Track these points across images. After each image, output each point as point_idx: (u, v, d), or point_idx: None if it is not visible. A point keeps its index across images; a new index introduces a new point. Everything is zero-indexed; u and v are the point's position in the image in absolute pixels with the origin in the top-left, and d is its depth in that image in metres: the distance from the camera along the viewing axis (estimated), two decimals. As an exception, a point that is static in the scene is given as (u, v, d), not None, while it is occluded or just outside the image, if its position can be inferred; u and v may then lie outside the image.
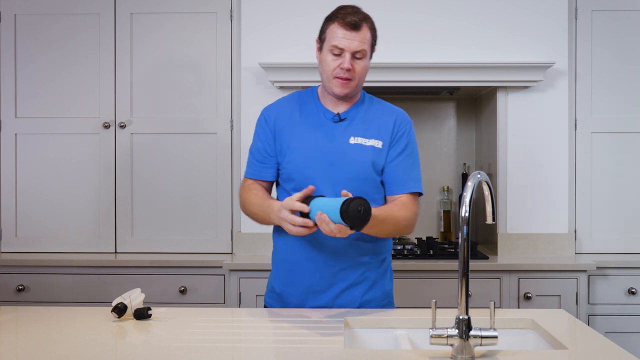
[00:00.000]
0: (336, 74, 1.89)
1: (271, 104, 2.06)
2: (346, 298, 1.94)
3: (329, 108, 1.98)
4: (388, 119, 1.98)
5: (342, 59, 1.88)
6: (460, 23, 3.10)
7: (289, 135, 1.96)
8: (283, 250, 2.00)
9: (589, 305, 2.92)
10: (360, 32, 1.88)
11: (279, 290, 2.00)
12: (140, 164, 3.20)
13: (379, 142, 1.94)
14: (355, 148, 1.93)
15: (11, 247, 3.23)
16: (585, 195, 3.17)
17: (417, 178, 1.99)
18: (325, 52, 1.90)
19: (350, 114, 1.97)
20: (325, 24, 1.93)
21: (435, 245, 3.09)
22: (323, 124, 1.96)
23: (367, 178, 1.93)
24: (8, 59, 3.22)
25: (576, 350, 1.51)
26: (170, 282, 2.96)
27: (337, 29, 1.88)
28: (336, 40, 1.87)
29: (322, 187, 1.89)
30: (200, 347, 1.51)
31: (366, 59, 1.93)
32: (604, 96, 3.17)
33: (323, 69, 1.92)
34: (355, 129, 1.95)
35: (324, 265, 1.93)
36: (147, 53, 3.20)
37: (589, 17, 3.16)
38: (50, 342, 1.55)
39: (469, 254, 1.41)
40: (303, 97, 2.03)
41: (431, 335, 1.39)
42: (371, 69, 3.00)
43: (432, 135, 3.62)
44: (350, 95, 1.96)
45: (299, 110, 1.99)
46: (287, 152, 1.95)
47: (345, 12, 1.89)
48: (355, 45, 1.87)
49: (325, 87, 1.95)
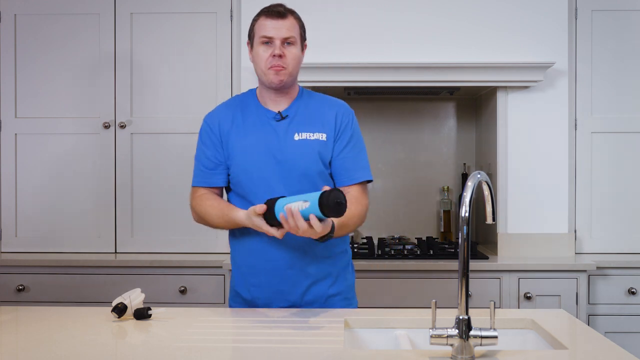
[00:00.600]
0: (269, 64, 1.93)
1: (212, 111, 2.08)
2: (313, 294, 1.96)
3: (270, 108, 2.00)
4: (329, 112, 2.00)
5: (273, 46, 1.92)
6: (460, 23, 3.10)
7: (234, 139, 1.98)
8: (243, 254, 2.01)
9: (589, 305, 2.92)
10: (287, 20, 1.94)
11: (245, 295, 2.01)
12: (140, 164, 3.20)
13: (323, 134, 1.97)
14: (300, 144, 1.95)
15: (11, 247, 3.23)
16: (585, 195, 3.17)
17: (365, 166, 2.01)
18: (257, 46, 1.95)
19: (292, 111, 1.99)
20: (252, 22, 1.99)
21: (435, 245, 3.09)
22: (266, 123, 1.98)
23: (316, 171, 1.95)
24: (8, 59, 3.22)
25: (576, 350, 1.51)
26: (170, 282, 2.96)
27: (263, 21, 1.94)
28: (264, 30, 1.93)
29: (274, 186, 1.91)
30: (200, 347, 1.51)
31: (297, 47, 1.96)
32: (604, 96, 3.17)
33: (257, 63, 1.96)
34: (298, 125, 1.97)
35: (286, 264, 1.94)
36: (147, 53, 3.20)
37: (589, 17, 3.16)
38: (50, 342, 1.55)
39: (469, 254, 1.42)
40: (243, 100, 2.06)
41: (431, 335, 1.39)
42: (371, 69, 3.03)
43: (432, 135, 3.62)
44: (287, 84, 1.97)
45: (240, 113, 2.01)
46: (234, 156, 1.97)
47: (269, 7, 1.96)
48: (284, 32, 1.92)
49: (263, 82, 1.98)
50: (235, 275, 2.05)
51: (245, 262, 2.01)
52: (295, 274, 1.95)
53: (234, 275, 2.06)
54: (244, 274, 2.01)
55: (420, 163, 3.61)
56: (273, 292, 1.96)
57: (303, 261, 1.94)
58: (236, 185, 1.99)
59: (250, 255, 1.99)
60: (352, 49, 3.06)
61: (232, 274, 2.07)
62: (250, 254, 1.98)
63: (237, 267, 2.05)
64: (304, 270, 1.95)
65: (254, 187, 1.94)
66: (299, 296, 1.96)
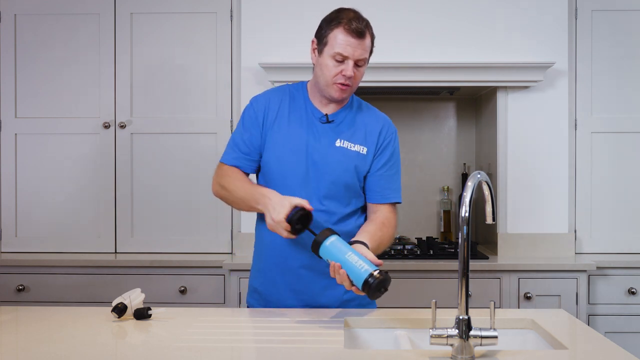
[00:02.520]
0: (337, 80, 1.87)
1: (260, 94, 2.02)
2: (328, 298, 1.95)
3: (318, 107, 1.97)
4: (375, 126, 1.97)
5: (345, 65, 1.86)
6: (460, 23, 3.10)
7: (276, 129, 1.94)
8: (262, 248, 2.00)
9: (589, 305, 2.92)
10: (364, 40, 1.86)
11: (261, 290, 2.00)
12: (140, 164, 3.20)
13: (364, 148, 1.94)
14: (340, 151, 1.92)
15: (11, 247, 3.23)
16: (585, 195, 3.17)
17: (398, 188, 2.00)
18: (327, 57, 1.87)
19: (339, 117, 1.96)
20: (327, 27, 1.88)
21: (435, 245, 3.09)
22: (311, 122, 1.95)
23: (348, 183, 1.93)
24: (8, 59, 3.22)
25: (576, 350, 1.51)
26: (170, 282, 2.96)
27: (341, 35, 1.84)
28: (340, 47, 1.84)
29: (302, 186, 1.90)
30: (200, 347, 1.51)
31: (365, 66, 1.92)
32: (603, 96, 3.17)
33: (322, 73, 1.89)
34: (341, 132, 1.94)
35: (300, 264, 1.93)
36: (147, 53, 3.20)
37: (589, 17, 3.16)
38: (50, 342, 1.55)
39: (469, 254, 1.41)
40: (293, 92, 2.00)
41: (431, 335, 1.39)
42: (371, 69, 3.01)
43: (432, 135, 3.62)
44: (346, 99, 1.96)
45: (288, 104, 1.97)
46: (272, 146, 1.94)
47: (348, 17, 1.85)
48: (359, 53, 1.86)
49: (322, 90, 1.93)
50: (254, 270, 2.05)
51: (263, 257, 2.00)
52: (310, 274, 1.93)
53: (252, 271, 2.06)
54: (262, 269, 2.00)
55: (420, 163, 3.61)
56: (288, 290, 1.95)
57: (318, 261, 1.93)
58: (265, 173, 1.96)
59: (267, 250, 1.98)
60: (352, 49, 3.06)
61: (252, 270, 2.06)
62: (268, 249, 1.98)
63: (255, 262, 2.04)
64: (318, 270, 1.93)
65: (282, 180, 1.90)
66: (314, 297, 1.94)
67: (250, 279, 2.07)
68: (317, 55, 1.92)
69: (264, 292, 2.00)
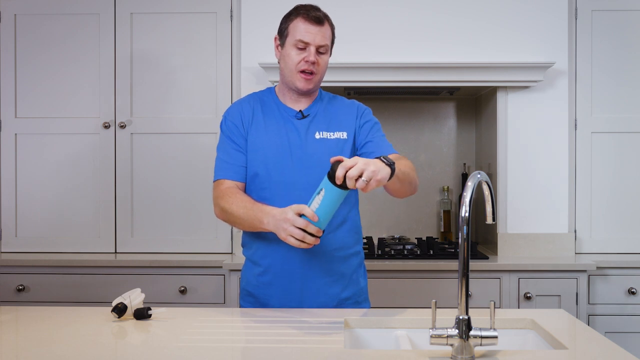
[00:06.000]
0: (301, 68, 1.92)
1: (231, 106, 2.06)
2: (325, 297, 1.96)
3: (290, 106, 2.01)
4: (348, 111, 2.03)
5: (307, 52, 1.91)
6: (461, 23, 3.10)
7: (255, 134, 1.97)
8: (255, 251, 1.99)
9: (589, 305, 2.92)
10: (324, 27, 1.93)
11: (256, 293, 2.00)
12: (140, 164, 3.20)
13: (343, 133, 1.99)
14: (321, 142, 1.96)
15: (11, 247, 3.23)
16: (585, 195, 3.17)
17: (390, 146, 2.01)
18: (289, 47, 1.93)
19: (312, 110, 2.01)
20: (287, 20, 1.96)
21: (435, 245, 3.09)
22: (287, 121, 1.99)
23: None
24: (8, 58, 3.22)
25: (576, 350, 1.51)
26: (170, 282, 2.96)
27: (301, 24, 1.91)
28: (300, 34, 1.91)
29: (292, 184, 1.91)
30: (200, 347, 1.51)
31: (328, 55, 1.97)
32: (604, 96, 3.17)
33: (286, 64, 1.94)
34: (318, 124, 1.98)
35: (297, 264, 1.93)
36: (147, 53, 3.20)
37: (589, 17, 3.16)
38: (50, 342, 1.55)
39: (469, 254, 1.41)
40: (262, 97, 2.05)
41: (431, 335, 1.39)
42: (371, 69, 3.03)
43: (432, 135, 3.62)
44: (313, 90, 1.98)
45: (261, 109, 2.01)
46: (254, 150, 1.96)
47: (306, 8, 1.94)
48: (320, 39, 1.92)
49: (287, 83, 1.97)
50: (247, 273, 2.04)
51: (257, 259, 2.00)
52: (307, 274, 1.94)
53: (244, 274, 2.05)
54: (256, 273, 2.00)
55: (421, 163, 3.61)
56: (284, 291, 1.95)
57: (315, 261, 1.94)
58: (252, 178, 1.97)
59: (262, 252, 1.98)
60: (352, 49, 3.07)
61: (243, 273, 2.06)
62: (262, 251, 1.98)
63: (248, 265, 2.04)
64: (315, 270, 1.94)
65: (271, 182, 1.92)
66: (311, 297, 1.95)
67: (241, 282, 2.07)
68: (280, 49, 1.98)
69: (259, 295, 2.00)
